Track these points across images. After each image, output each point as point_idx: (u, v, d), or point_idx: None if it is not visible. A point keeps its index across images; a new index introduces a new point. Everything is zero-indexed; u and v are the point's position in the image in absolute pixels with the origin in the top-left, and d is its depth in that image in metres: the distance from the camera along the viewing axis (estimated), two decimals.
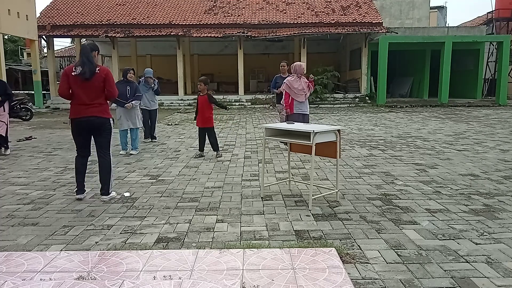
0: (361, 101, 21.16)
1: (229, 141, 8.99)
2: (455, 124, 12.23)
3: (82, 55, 4.38)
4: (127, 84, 7.53)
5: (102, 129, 4.49)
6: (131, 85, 7.57)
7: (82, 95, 4.34)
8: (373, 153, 7.28)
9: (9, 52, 33.72)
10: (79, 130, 4.47)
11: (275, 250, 3.08)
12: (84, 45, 4.53)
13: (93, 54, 4.43)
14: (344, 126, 11.77)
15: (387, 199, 4.44)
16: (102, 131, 4.50)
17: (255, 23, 22.12)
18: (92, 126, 4.43)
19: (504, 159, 6.67)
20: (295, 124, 4.82)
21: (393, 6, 27.24)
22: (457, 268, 2.79)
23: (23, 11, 18.58)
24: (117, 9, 23.30)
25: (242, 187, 5.03)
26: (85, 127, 4.44)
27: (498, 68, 21.40)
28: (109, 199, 4.52)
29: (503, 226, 3.59)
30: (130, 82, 7.61)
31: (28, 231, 3.58)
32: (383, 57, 19.97)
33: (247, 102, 21.05)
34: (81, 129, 4.45)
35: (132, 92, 7.52)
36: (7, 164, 6.67)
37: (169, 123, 12.99)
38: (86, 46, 4.48)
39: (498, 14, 25.48)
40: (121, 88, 7.35)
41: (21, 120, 14.32)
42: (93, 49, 4.47)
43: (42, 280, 2.63)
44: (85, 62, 4.32)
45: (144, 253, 3.02)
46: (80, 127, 4.44)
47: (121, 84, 7.48)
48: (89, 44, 4.58)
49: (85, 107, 4.36)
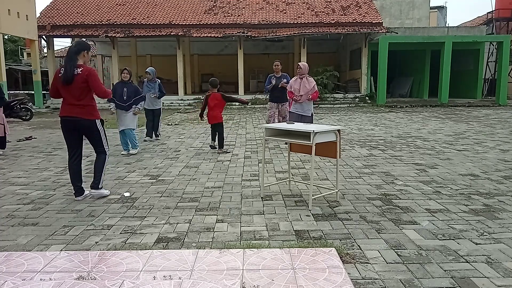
0: (361, 101, 21.16)
1: (229, 141, 8.99)
2: (455, 124, 12.23)
3: (65, 56, 4.38)
4: (124, 85, 7.41)
5: (88, 131, 4.50)
6: (128, 86, 7.40)
7: (67, 96, 4.36)
8: (373, 153, 7.28)
9: (9, 52, 33.73)
10: (66, 129, 4.48)
11: (275, 250, 3.08)
12: (70, 46, 4.52)
13: (82, 54, 4.38)
14: (344, 126, 11.77)
15: (387, 199, 4.44)
16: (90, 132, 4.51)
17: (255, 23, 22.12)
18: (78, 126, 4.44)
19: (504, 159, 6.67)
20: (295, 124, 4.82)
21: (393, 6, 27.25)
22: (457, 268, 2.79)
23: (23, 11, 18.58)
24: (117, 9, 23.30)
25: (242, 187, 5.03)
26: (71, 127, 4.44)
27: (498, 68, 21.40)
28: (98, 196, 4.52)
29: (503, 226, 3.59)
30: (127, 83, 7.47)
31: (28, 231, 3.58)
32: (383, 57, 19.97)
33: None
34: (68, 128, 4.47)
35: (129, 93, 7.33)
36: (7, 164, 6.67)
37: (169, 123, 12.99)
38: (71, 47, 4.46)
39: (498, 14, 25.49)
40: (119, 89, 7.35)
41: (21, 120, 14.33)
42: (80, 49, 4.39)
43: (42, 280, 2.63)
44: (66, 64, 4.31)
45: (144, 253, 3.02)
46: (67, 126, 4.46)
47: (118, 86, 7.47)
48: (77, 43, 4.52)
49: (71, 107, 4.37)
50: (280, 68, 8.46)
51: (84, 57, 4.41)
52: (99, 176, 4.59)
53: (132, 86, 7.54)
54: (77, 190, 4.56)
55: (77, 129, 4.48)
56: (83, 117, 4.38)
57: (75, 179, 4.56)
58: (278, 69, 8.40)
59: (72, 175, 4.58)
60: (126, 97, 7.33)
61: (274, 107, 8.50)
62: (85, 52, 4.43)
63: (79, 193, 4.55)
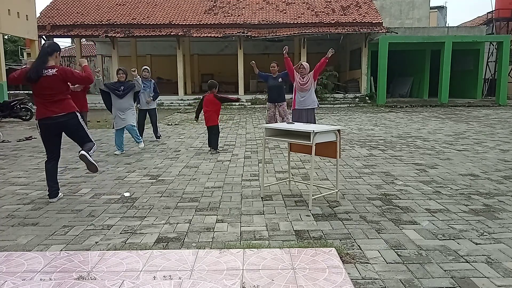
0: (361, 101, 21.16)
1: (229, 141, 8.99)
2: (455, 124, 12.23)
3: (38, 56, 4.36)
4: (121, 84, 7.47)
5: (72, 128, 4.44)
6: (125, 84, 7.47)
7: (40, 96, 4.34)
8: (373, 153, 7.28)
9: (9, 52, 33.75)
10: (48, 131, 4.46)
11: (275, 250, 3.08)
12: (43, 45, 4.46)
13: (55, 55, 4.36)
14: (344, 126, 11.77)
15: (387, 199, 4.44)
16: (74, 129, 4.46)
17: (255, 23, 22.12)
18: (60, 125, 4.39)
19: (504, 159, 6.67)
20: (295, 124, 4.82)
21: (393, 6, 27.24)
22: (457, 268, 2.79)
23: (23, 11, 18.58)
24: (117, 9, 23.30)
25: (242, 187, 5.03)
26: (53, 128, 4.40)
27: (498, 68, 21.39)
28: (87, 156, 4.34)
29: (503, 226, 3.59)
30: (124, 82, 7.52)
31: (28, 231, 3.58)
32: (383, 57, 19.97)
33: (247, 102, 21.04)
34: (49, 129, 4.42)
35: (125, 89, 7.39)
36: (7, 164, 6.68)
37: (169, 123, 12.99)
38: (44, 47, 4.40)
39: (498, 14, 25.49)
40: (115, 86, 7.46)
41: (21, 120, 14.32)
42: (54, 50, 4.37)
43: (42, 280, 2.63)
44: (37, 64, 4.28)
45: (144, 253, 3.02)
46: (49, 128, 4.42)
47: (115, 85, 7.50)
48: (50, 44, 4.47)
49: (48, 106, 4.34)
50: (277, 69, 8.66)
51: (56, 58, 4.40)
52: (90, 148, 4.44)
53: (128, 84, 7.57)
54: (52, 191, 4.51)
55: (58, 128, 4.38)
56: (61, 112, 4.32)
57: (52, 180, 4.51)
58: (274, 70, 8.62)
59: (49, 177, 4.51)
60: (122, 92, 7.40)
61: (272, 107, 8.55)
62: (57, 53, 4.43)
63: (54, 195, 4.50)
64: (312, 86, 7.43)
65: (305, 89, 7.35)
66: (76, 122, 4.44)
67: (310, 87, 7.38)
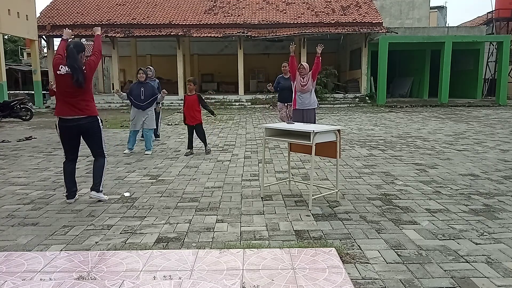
0: (361, 101, 21.16)
1: (229, 141, 8.99)
2: (455, 124, 12.23)
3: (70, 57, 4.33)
4: (141, 85, 7.43)
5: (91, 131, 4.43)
6: (145, 86, 7.45)
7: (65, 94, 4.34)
8: (373, 153, 7.28)
9: (9, 52, 33.75)
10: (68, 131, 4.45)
11: (275, 250, 3.08)
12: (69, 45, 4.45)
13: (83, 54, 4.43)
14: (344, 126, 11.77)
15: (387, 199, 4.44)
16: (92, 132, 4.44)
17: (255, 23, 22.12)
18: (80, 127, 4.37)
19: (504, 159, 6.67)
20: (295, 124, 4.82)
21: (393, 6, 27.25)
22: (457, 268, 2.79)
23: (23, 11, 18.59)
24: (117, 9, 23.31)
25: (242, 187, 5.03)
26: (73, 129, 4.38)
27: (498, 68, 21.40)
28: (96, 199, 4.43)
29: (503, 226, 3.59)
30: (144, 83, 7.48)
31: (28, 231, 3.58)
32: (383, 57, 19.98)
33: (247, 102, 21.05)
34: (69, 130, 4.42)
35: (147, 93, 7.38)
36: (7, 164, 6.67)
37: (169, 123, 12.98)
38: (71, 47, 4.42)
39: (498, 14, 25.50)
40: (135, 90, 7.43)
41: (21, 120, 14.32)
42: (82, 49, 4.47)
43: (42, 280, 2.63)
44: (75, 66, 4.26)
45: (144, 253, 3.02)
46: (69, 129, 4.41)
47: (135, 86, 7.50)
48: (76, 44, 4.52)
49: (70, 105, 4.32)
50: (288, 69, 8.45)
51: (81, 58, 4.42)
52: (100, 180, 4.48)
53: (149, 85, 7.57)
54: (70, 192, 4.49)
55: (78, 131, 4.36)
56: (83, 114, 4.30)
57: (70, 181, 4.49)
58: (286, 70, 8.40)
59: (67, 177, 4.48)
60: (144, 96, 7.37)
61: (284, 107, 8.55)
62: (82, 53, 4.48)
63: (72, 195, 4.49)
64: (312, 86, 7.42)
65: (306, 90, 7.35)
66: (96, 126, 4.43)
67: (310, 88, 7.38)
